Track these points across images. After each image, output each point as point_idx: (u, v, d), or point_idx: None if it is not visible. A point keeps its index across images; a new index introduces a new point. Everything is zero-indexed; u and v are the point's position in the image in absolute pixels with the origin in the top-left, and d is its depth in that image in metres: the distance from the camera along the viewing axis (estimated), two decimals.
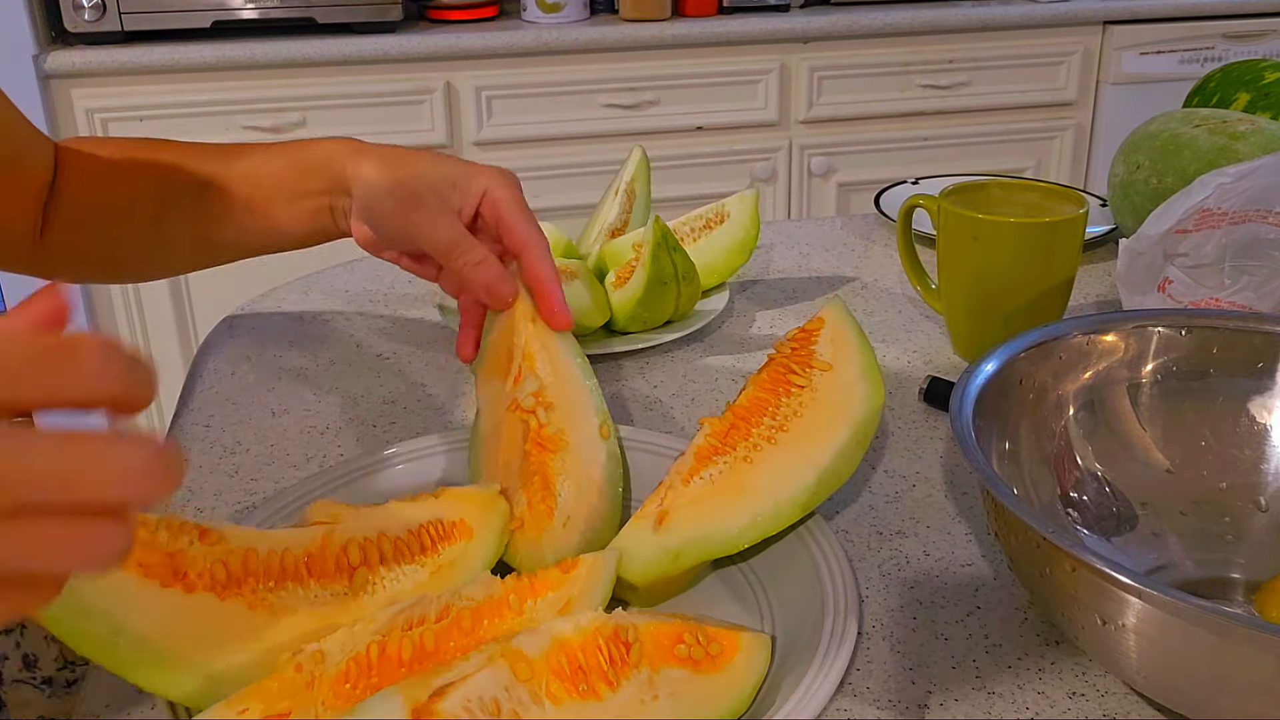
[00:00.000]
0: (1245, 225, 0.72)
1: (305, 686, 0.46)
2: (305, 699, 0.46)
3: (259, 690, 0.46)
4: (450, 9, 2.19)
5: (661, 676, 0.47)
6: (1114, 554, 0.58)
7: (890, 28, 2.16)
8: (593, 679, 0.46)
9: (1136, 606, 0.43)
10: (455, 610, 0.50)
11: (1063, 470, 0.60)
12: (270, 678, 0.46)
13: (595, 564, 0.53)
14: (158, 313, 2.11)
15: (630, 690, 0.46)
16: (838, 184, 2.26)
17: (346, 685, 0.46)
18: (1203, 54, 2.28)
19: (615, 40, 2.09)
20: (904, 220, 0.86)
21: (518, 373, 0.63)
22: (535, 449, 0.60)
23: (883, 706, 0.50)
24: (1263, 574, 0.56)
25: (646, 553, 0.55)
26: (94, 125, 1.97)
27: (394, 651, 0.48)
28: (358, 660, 0.47)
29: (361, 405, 0.78)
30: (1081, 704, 0.50)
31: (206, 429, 0.75)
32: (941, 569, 0.59)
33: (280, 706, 0.45)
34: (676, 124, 2.16)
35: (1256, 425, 0.60)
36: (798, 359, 0.63)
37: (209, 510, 0.66)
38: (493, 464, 0.62)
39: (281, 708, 0.45)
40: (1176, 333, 0.62)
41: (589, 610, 0.50)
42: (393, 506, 0.56)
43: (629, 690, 0.46)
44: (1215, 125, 0.88)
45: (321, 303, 0.95)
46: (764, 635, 0.51)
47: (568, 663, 0.47)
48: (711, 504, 0.56)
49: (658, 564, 0.54)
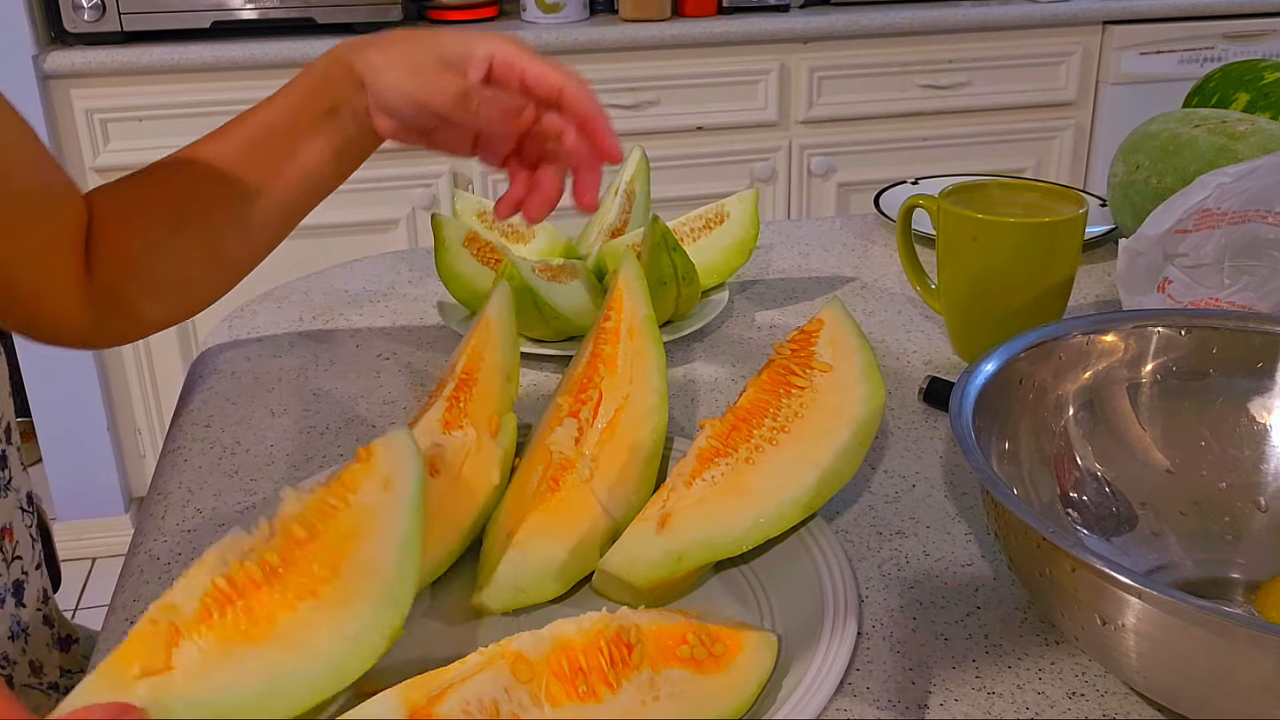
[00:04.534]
0: (1245, 225, 0.72)
1: (170, 635, 0.46)
2: (179, 643, 0.46)
3: (124, 653, 0.45)
4: (450, 9, 2.19)
5: (663, 677, 0.47)
6: (1114, 554, 0.58)
7: (890, 28, 2.16)
8: (593, 680, 0.46)
9: (1136, 606, 0.43)
10: (282, 530, 0.50)
11: (1062, 470, 0.60)
12: (128, 641, 0.46)
13: (392, 443, 0.53)
14: None
15: (631, 691, 0.46)
16: (837, 184, 2.26)
17: (214, 616, 0.46)
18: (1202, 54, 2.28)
19: (615, 40, 2.09)
20: (904, 220, 0.86)
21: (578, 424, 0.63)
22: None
23: (883, 706, 0.50)
24: (1263, 574, 0.56)
25: (650, 555, 0.55)
26: (93, 125, 1.97)
27: (242, 579, 0.48)
28: (211, 595, 0.47)
29: (361, 405, 0.78)
30: (1081, 704, 0.50)
31: (206, 429, 0.75)
32: (941, 569, 0.59)
33: (158, 660, 0.45)
34: (676, 124, 2.16)
35: (1256, 425, 0.60)
36: (797, 360, 0.63)
37: (208, 510, 0.66)
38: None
39: (159, 661, 0.45)
40: (1176, 333, 0.62)
41: (408, 480, 0.51)
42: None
43: (629, 691, 0.46)
44: (1215, 125, 0.87)
45: (321, 303, 0.95)
46: (770, 635, 0.51)
47: (568, 664, 0.47)
48: (714, 506, 0.56)
49: (661, 567, 0.54)
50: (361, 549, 0.50)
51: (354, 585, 0.48)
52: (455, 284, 0.86)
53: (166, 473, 0.71)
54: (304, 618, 0.47)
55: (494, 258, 0.87)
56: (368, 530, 0.50)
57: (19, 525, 0.68)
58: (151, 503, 0.68)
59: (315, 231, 2.10)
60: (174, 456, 0.73)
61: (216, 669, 0.45)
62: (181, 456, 0.72)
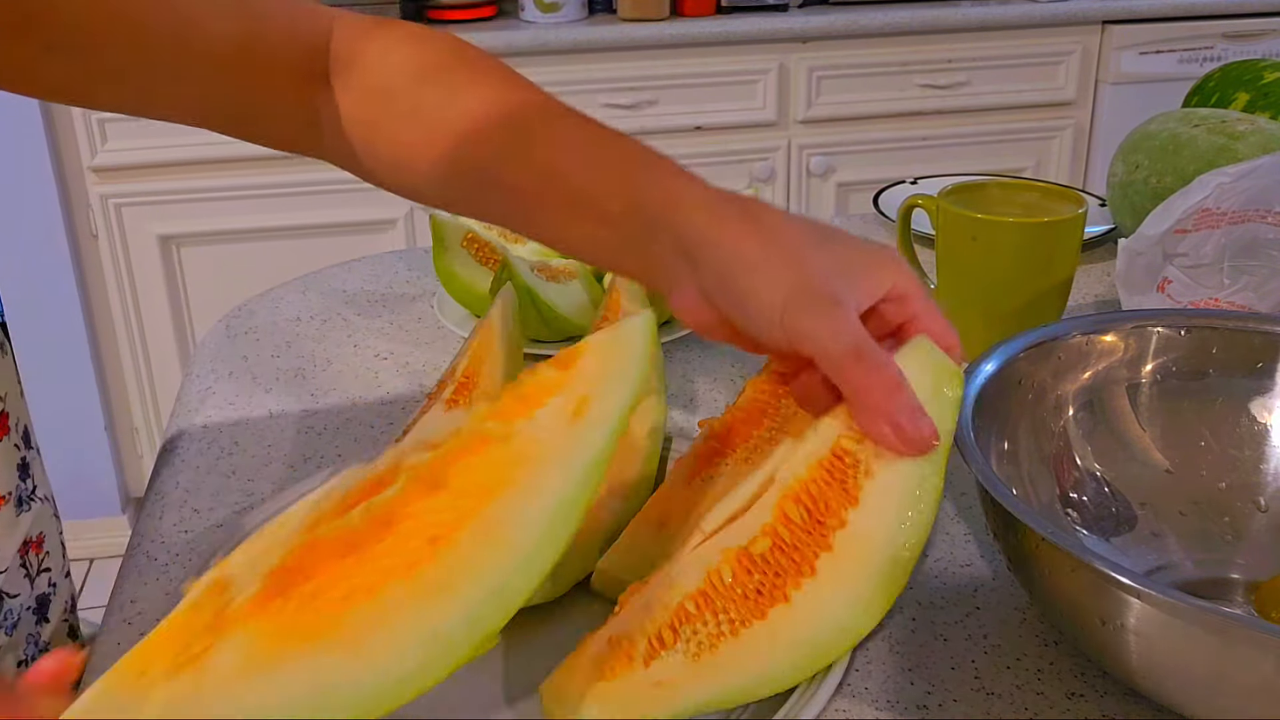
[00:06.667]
0: (1245, 225, 0.72)
1: (212, 626, 0.37)
2: (221, 638, 0.36)
3: (152, 645, 0.37)
4: (449, 8, 2.19)
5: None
6: (1114, 554, 0.58)
7: (889, 27, 2.16)
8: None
9: (1136, 607, 0.43)
10: (410, 468, 0.39)
11: (1062, 470, 0.60)
12: (160, 628, 0.37)
13: (613, 339, 0.41)
14: (155, 313, 2.11)
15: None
16: (836, 184, 2.26)
17: (277, 601, 0.37)
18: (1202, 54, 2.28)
19: (613, 40, 2.09)
20: (903, 220, 0.85)
21: None
22: None
23: (882, 707, 0.50)
24: (1263, 574, 0.56)
25: (649, 555, 0.54)
26: (91, 125, 1.97)
27: (330, 541, 0.37)
28: (278, 574, 0.37)
29: (360, 405, 0.78)
30: (1081, 704, 0.50)
31: (204, 429, 0.75)
32: (941, 569, 0.59)
33: (188, 652, 0.36)
34: (675, 124, 2.16)
35: (1256, 425, 0.60)
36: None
37: (205, 510, 0.66)
38: None
39: (191, 652, 0.36)
40: (1176, 333, 0.62)
41: (612, 401, 0.39)
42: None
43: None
44: (1214, 125, 0.87)
45: (320, 303, 0.95)
46: None
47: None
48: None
49: (661, 565, 0.54)
50: (495, 512, 0.37)
51: (461, 567, 0.36)
52: (453, 284, 0.86)
53: (164, 473, 0.71)
54: (380, 609, 0.36)
55: (492, 258, 0.87)
56: (514, 483, 0.38)
57: (52, 534, 0.67)
58: (149, 503, 0.68)
59: (313, 231, 2.10)
60: (171, 456, 0.73)
61: (252, 681, 0.35)
62: (179, 456, 0.72)
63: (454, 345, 0.84)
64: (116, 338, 2.12)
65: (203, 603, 0.37)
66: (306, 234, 2.10)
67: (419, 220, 2.12)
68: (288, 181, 2.03)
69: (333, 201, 2.07)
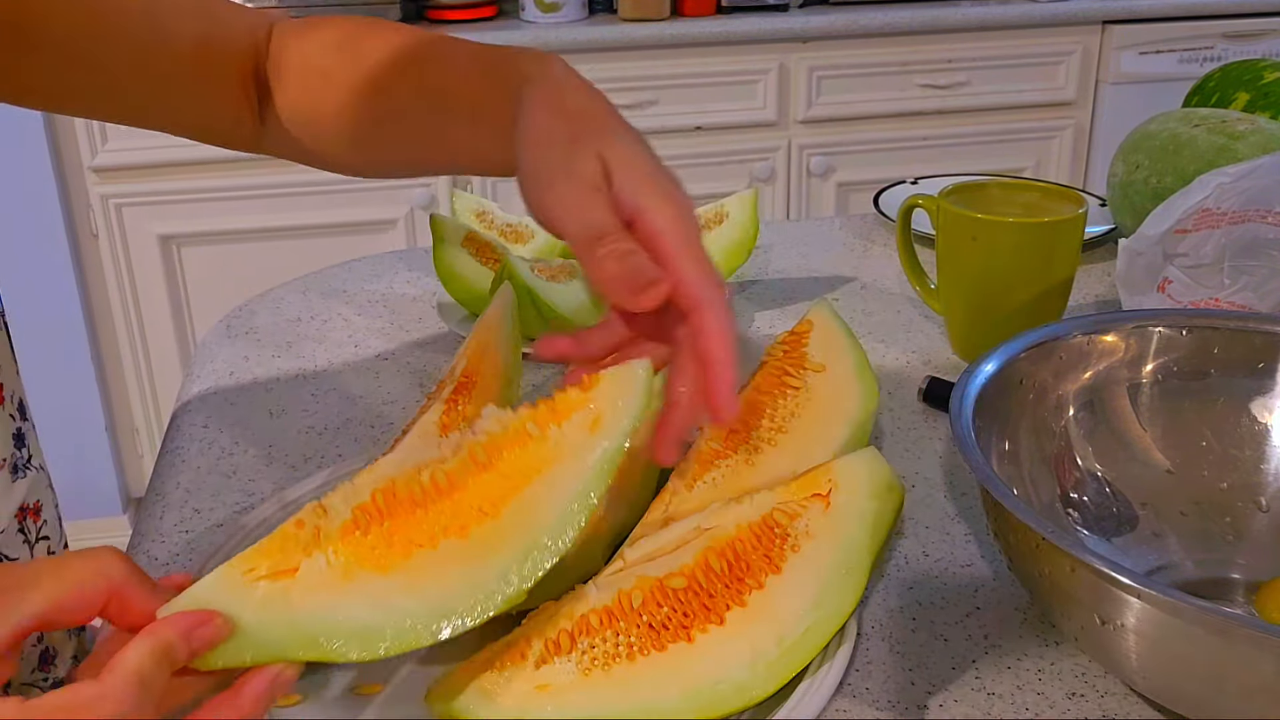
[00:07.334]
0: (1245, 225, 0.72)
1: (310, 541, 0.45)
2: (313, 552, 0.44)
3: (261, 550, 0.44)
4: (449, 9, 2.19)
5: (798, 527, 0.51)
6: (1114, 554, 0.58)
7: (889, 27, 2.16)
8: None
9: (1136, 607, 0.43)
10: (469, 446, 0.47)
11: (1063, 470, 0.60)
12: (269, 538, 0.45)
13: (621, 376, 0.48)
14: (155, 313, 2.11)
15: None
16: (837, 184, 2.26)
17: (356, 533, 0.45)
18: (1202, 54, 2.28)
19: (614, 40, 2.09)
20: (903, 220, 0.85)
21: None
22: None
23: (882, 707, 0.50)
24: (1263, 574, 0.56)
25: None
26: (92, 126, 1.97)
27: (405, 494, 0.46)
28: (364, 509, 0.46)
29: (360, 405, 0.78)
30: (1081, 704, 0.50)
31: (205, 429, 0.75)
32: (941, 569, 0.59)
33: (289, 563, 0.44)
34: (675, 124, 2.16)
35: (1257, 425, 0.60)
36: (790, 361, 0.63)
37: (206, 510, 0.66)
38: None
39: (290, 564, 0.44)
40: (1176, 333, 0.62)
41: (620, 420, 0.46)
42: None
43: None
44: (1215, 125, 0.87)
45: (320, 303, 0.95)
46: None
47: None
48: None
49: None
50: (529, 493, 0.46)
51: (500, 534, 0.45)
52: (454, 284, 0.86)
53: (165, 473, 0.71)
54: (436, 557, 0.44)
55: (492, 257, 0.87)
56: (545, 473, 0.46)
57: (49, 506, 0.67)
58: (150, 503, 0.68)
59: (313, 231, 2.10)
60: (172, 457, 0.73)
61: (332, 590, 0.43)
62: (180, 457, 0.72)
63: (454, 345, 0.84)
64: (117, 338, 2.12)
65: (305, 519, 0.45)
66: (306, 234, 2.10)
67: (419, 220, 2.12)
68: (288, 181, 2.03)
69: (333, 201, 2.07)
